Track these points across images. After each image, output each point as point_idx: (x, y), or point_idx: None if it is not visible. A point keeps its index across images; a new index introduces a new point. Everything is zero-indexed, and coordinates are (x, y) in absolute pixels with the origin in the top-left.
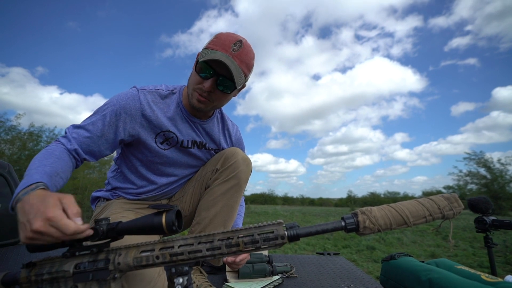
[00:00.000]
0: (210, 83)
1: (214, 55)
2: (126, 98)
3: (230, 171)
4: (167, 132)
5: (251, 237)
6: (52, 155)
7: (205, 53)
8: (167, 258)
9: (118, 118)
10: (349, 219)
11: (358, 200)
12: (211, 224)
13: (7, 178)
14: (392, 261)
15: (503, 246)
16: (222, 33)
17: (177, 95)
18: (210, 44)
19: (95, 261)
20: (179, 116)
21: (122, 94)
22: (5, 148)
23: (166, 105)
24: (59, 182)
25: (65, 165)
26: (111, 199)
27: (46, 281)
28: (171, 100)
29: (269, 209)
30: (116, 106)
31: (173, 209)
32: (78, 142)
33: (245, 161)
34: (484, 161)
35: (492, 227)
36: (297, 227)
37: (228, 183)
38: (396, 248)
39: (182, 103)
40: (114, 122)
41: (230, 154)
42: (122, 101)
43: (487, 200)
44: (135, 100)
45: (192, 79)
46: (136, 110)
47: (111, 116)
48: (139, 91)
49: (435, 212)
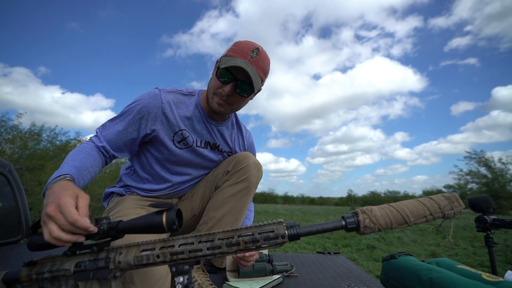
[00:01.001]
0: (230, 88)
1: (234, 62)
2: (149, 97)
3: (241, 174)
4: (184, 131)
5: (252, 236)
6: (83, 151)
7: (225, 60)
8: (167, 257)
9: (142, 116)
10: (350, 218)
11: (358, 199)
12: (218, 224)
13: (8, 177)
14: (393, 260)
15: (503, 246)
16: (240, 41)
17: (196, 97)
18: (230, 51)
19: (96, 260)
20: (196, 117)
21: (146, 94)
22: (6, 147)
23: (185, 105)
24: (87, 176)
25: (93, 161)
26: (125, 195)
27: (47, 279)
28: (190, 101)
29: (270, 208)
30: (140, 105)
31: (174, 208)
32: (106, 139)
33: (256, 165)
34: (484, 160)
35: (493, 226)
36: (298, 226)
37: (238, 186)
38: (397, 247)
39: (200, 104)
40: (138, 120)
41: (242, 157)
42: (146, 100)
43: (488, 199)
44: (156, 99)
45: (212, 84)
46: (157, 108)
47: (135, 114)
48: (161, 91)
49: (436, 211)
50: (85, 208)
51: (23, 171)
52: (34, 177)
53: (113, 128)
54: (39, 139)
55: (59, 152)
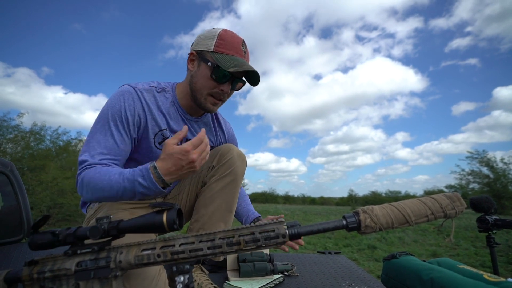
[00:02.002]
0: (228, 87)
1: (238, 63)
2: (126, 98)
3: (226, 168)
4: (165, 131)
5: (252, 236)
6: (101, 170)
7: (222, 59)
8: (168, 257)
9: (128, 120)
10: (351, 218)
11: (359, 199)
12: (210, 221)
13: (10, 176)
14: (394, 260)
15: (505, 246)
16: (225, 34)
17: (171, 94)
18: (221, 48)
19: (97, 259)
20: (174, 115)
21: (119, 96)
22: (8, 147)
23: (162, 103)
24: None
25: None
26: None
27: (48, 279)
28: (165, 98)
29: (270, 208)
30: (120, 109)
31: (174, 207)
32: (108, 159)
33: (240, 156)
34: (486, 160)
35: (495, 226)
36: (298, 225)
37: (225, 179)
38: (398, 247)
39: (177, 101)
40: (127, 125)
41: (225, 150)
42: (122, 103)
43: (490, 199)
44: (134, 99)
45: (203, 84)
46: (140, 109)
47: (122, 119)
48: (136, 89)
49: (437, 211)
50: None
51: (25, 170)
52: (35, 177)
53: (107, 142)
54: (40, 139)
55: (60, 152)
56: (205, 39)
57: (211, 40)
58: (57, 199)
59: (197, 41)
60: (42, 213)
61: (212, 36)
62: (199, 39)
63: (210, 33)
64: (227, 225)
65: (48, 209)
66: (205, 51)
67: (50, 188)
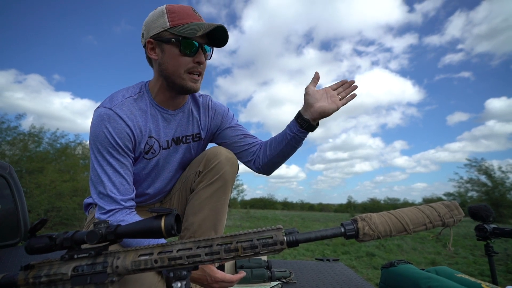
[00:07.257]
0: (201, 56)
1: (202, 26)
2: (108, 124)
3: (214, 173)
4: (150, 138)
5: (250, 242)
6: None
7: (184, 29)
8: (165, 262)
9: (119, 145)
10: (349, 225)
11: (358, 206)
12: (200, 229)
13: (8, 179)
14: (392, 268)
15: (504, 255)
16: (172, 7)
17: (146, 94)
18: (176, 20)
19: (93, 264)
20: (155, 117)
21: (99, 123)
22: (6, 149)
23: (142, 110)
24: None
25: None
26: None
27: (44, 283)
28: (142, 102)
29: (269, 214)
30: (106, 137)
31: (172, 213)
32: (121, 197)
33: (229, 160)
34: (485, 169)
35: (493, 235)
36: (296, 232)
37: (213, 186)
38: (396, 255)
39: (153, 100)
40: (122, 150)
41: (212, 155)
42: (106, 129)
43: (488, 207)
44: (116, 121)
45: (177, 63)
46: (124, 129)
47: (116, 146)
48: (112, 109)
49: (435, 219)
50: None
51: (23, 173)
52: (33, 180)
53: (111, 174)
54: (39, 141)
55: (59, 155)
56: (155, 21)
57: (162, 18)
58: (55, 202)
59: (147, 28)
60: (40, 216)
61: (161, 14)
62: (149, 24)
63: (157, 13)
64: (217, 234)
65: (45, 212)
66: (162, 32)
67: (48, 191)
